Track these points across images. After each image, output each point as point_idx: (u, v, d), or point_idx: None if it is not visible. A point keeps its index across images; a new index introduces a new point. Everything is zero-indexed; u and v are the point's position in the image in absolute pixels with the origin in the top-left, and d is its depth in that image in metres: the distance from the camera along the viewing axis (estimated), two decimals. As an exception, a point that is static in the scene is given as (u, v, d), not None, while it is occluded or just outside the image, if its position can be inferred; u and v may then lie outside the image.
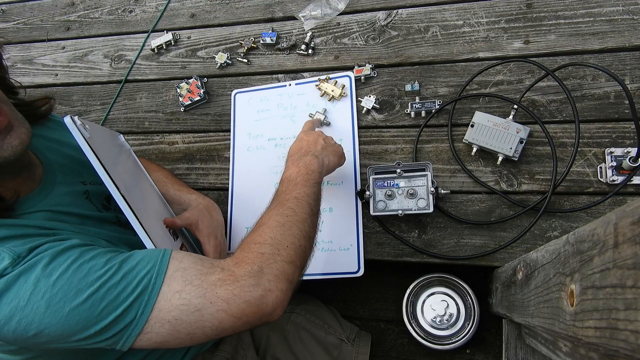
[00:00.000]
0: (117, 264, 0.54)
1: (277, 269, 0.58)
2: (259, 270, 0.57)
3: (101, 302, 0.51)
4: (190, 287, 0.54)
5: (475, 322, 1.01)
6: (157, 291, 0.53)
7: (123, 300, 0.52)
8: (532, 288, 0.59)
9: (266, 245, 0.60)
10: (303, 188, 0.70)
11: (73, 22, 1.34)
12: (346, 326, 1.01)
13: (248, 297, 0.55)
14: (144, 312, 0.52)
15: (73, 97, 1.22)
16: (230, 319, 0.54)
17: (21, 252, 0.52)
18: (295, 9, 1.15)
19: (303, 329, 0.96)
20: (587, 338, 0.38)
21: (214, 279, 0.55)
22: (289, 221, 0.64)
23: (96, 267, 0.53)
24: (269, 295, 0.56)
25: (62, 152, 0.74)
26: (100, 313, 0.51)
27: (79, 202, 0.69)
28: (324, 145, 0.80)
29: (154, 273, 0.54)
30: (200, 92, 1.09)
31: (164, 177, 0.93)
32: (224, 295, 0.54)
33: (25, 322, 0.50)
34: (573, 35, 0.94)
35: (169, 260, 0.56)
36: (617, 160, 0.82)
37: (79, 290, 0.51)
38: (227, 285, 0.55)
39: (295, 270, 0.61)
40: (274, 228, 0.63)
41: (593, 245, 0.38)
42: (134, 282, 0.53)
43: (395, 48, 1.04)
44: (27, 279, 0.50)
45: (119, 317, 0.52)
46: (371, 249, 0.90)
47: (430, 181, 0.83)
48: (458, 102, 0.94)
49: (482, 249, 0.85)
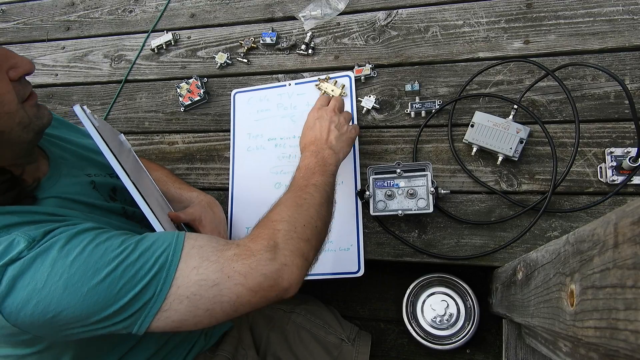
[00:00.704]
0: (133, 243, 0.55)
1: (293, 245, 0.59)
2: (274, 245, 0.58)
3: (119, 280, 0.51)
4: (207, 262, 0.55)
5: (475, 322, 1.01)
6: (175, 268, 0.53)
7: (141, 278, 0.52)
8: (532, 288, 0.59)
9: (283, 222, 0.61)
10: (321, 177, 0.72)
11: (73, 22, 1.34)
12: (346, 326, 1.01)
13: (265, 270, 0.55)
14: (162, 289, 0.52)
15: (73, 97, 1.22)
16: (247, 293, 0.55)
17: (36, 236, 0.52)
18: (295, 9, 1.15)
19: (303, 329, 0.96)
20: (587, 338, 0.38)
21: (230, 254, 0.56)
22: (306, 203, 0.66)
23: (112, 247, 0.53)
24: (285, 270, 0.56)
25: (65, 147, 0.75)
26: (119, 291, 0.51)
27: (86, 191, 0.70)
28: (337, 136, 0.80)
29: (171, 251, 0.55)
30: (200, 92, 1.09)
31: (164, 176, 0.93)
32: (241, 269, 0.55)
33: (44, 305, 0.49)
34: (573, 35, 0.94)
35: (184, 240, 0.57)
36: (617, 160, 0.82)
37: (96, 270, 0.51)
38: (244, 260, 0.55)
39: (311, 250, 0.62)
40: (291, 207, 0.64)
41: (593, 245, 0.38)
42: (152, 260, 0.53)
43: (395, 48, 1.04)
44: (44, 261, 0.50)
45: (138, 295, 0.52)
46: (371, 249, 0.90)
47: (430, 181, 0.83)
48: (458, 102, 0.94)
49: (482, 249, 0.85)
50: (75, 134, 0.81)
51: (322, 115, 0.83)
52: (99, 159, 0.78)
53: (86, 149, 0.78)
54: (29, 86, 0.61)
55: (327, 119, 0.82)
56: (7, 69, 0.57)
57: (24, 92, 0.59)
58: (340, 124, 0.82)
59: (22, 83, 0.59)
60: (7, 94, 0.56)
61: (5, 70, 0.56)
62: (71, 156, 0.74)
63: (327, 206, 0.70)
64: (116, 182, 0.76)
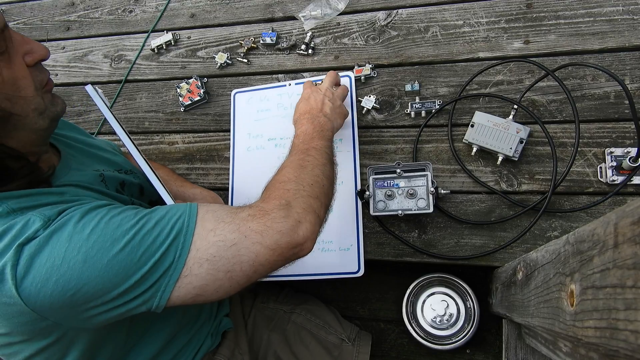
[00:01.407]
0: (148, 213, 0.55)
1: (303, 202, 0.61)
2: (286, 203, 0.59)
3: (139, 248, 0.51)
4: (223, 224, 0.55)
5: (475, 322, 1.01)
6: (192, 232, 0.54)
7: (160, 245, 0.52)
8: (532, 288, 0.59)
9: (291, 182, 0.63)
10: (320, 141, 0.74)
11: (73, 22, 1.34)
12: (346, 326, 1.01)
13: (280, 227, 0.56)
14: (181, 253, 0.53)
15: (73, 97, 1.22)
16: (265, 251, 0.55)
17: (51, 215, 0.52)
18: (295, 9, 1.15)
19: (304, 329, 0.96)
20: (587, 338, 0.38)
21: (245, 215, 0.57)
22: (310, 164, 0.68)
23: (127, 218, 0.54)
24: (299, 227, 0.58)
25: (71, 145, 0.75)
26: (139, 259, 0.51)
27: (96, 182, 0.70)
28: (331, 107, 0.82)
29: (186, 217, 0.55)
30: (200, 92, 1.09)
31: (166, 174, 0.93)
32: (257, 228, 0.56)
33: (64, 281, 0.49)
34: (573, 35, 0.94)
35: (197, 206, 0.57)
36: (617, 160, 0.82)
37: (115, 240, 0.51)
38: (259, 219, 0.56)
39: (321, 206, 0.64)
40: (296, 168, 0.66)
41: (593, 245, 0.38)
42: (168, 226, 0.54)
43: (395, 48, 1.04)
44: (60, 238, 0.50)
45: (158, 262, 0.52)
46: (371, 249, 0.90)
47: (430, 181, 0.83)
48: (458, 102, 0.94)
49: (482, 249, 0.85)
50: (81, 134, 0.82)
51: (316, 90, 0.85)
52: (106, 156, 0.79)
53: (93, 147, 0.79)
54: (46, 72, 0.61)
55: (322, 93, 0.84)
56: (23, 54, 0.57)
57: (40, 78, 0.60)
58: (334, 98, 0.85)
59: (38, 69, 0.60)
60: (23, 78, 0.56)
61: (22, 55, 0.57)
62: (79, 153, 0.75)
63: (330, 166, 0.72)
64: (124, 177, 0.77)
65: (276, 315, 0.99)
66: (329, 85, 0.87)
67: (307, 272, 0.90)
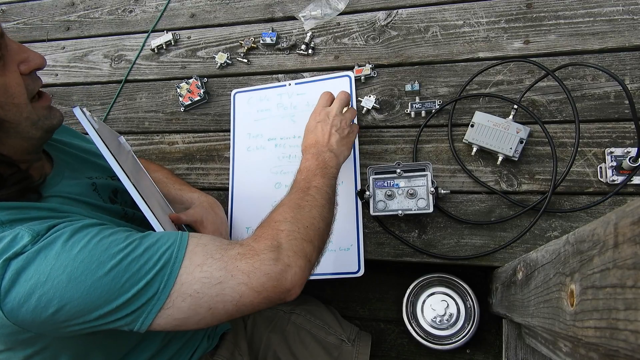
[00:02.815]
0: (138, 239, 0.55)
1: (296, 245, 0.59)
2: (278, 245, 0.58)
3: (124, 274, 0.51)
4: (212, 260, 0.55)
5: (475, 322, 1.01)
6: (179, 265, 0.54)
7: (146, 273, 0.52)
8: (532, 288, 0.59)
9: (286, 223, 0.61)
10: (322, 179, 0.72)
11: (73, 22, 1.34)
12: (346, 326, 1.01)
13: (268, 270, 0.55)
14: (166, 285, 0.52)
15: (73, 97, 1.22)
16: (250, 293, 0.54)
17: (40, 230, 0.52)
18: (295, 9, 1.15)
19: (303, 330, 0.96)
20: (587, 338, 0.38)
21: (234, 253, 0.56)
22: (308, 204, 0.66)
23: (117, 241, 0.53)
24: (288, 271, 0.56)
25: (67, 151, 0.75)
26: (123, 285, 0.51)
27: (87, 193, 0.70)
28: (338, 140, 0.80)
29: (175, 248, 0.55)
30: (200, 92, 1.09)
31: (165, 177, 0.93)
32: (245, 268, 0.55)
33: (46, 298, 0.49)
34: (573, 35, 0.94)
35: (188, 238, 0.57)
36: (617, 160, 0.82)
37: (101, 262, 0.51)
38: (248, 259, 0.55)
39: (314, 250, 0.62)
40: (293, 208, 0.65)
41: (593, 245, 0.38)
42: (156, 255, 0.53)
43: (395, 48, 1.04)
44: (47, 255, 0.50)
45: (142, 290, 0.52)
46: (371, 249, 0.90)
47: (430, 181, 0.83)
48: (458, 102, 0.94)
49: (482, 249, 0.85)
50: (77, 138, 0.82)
51: (324, 118, 0.82)
52: (100, 162, 0.78)
53: (88, 153, 0.79)
54: (39, 81, 0.62)
55: (329, 122, 0.81)
56: (18, 62, 0.58)
57: (33, 86, 0.60)
58: (342, 128, 0.82)
59: (32, 78, 0.60)
60: (16, 86, 0.57)
61: (17, 63, 0.57)
62: (73, 160, 0.75)
63: (329, 207, 0.70)
64: (117, 184, 0.76)
65: (276, 315, 0.99)
66: (338, 109, 0.83)
67: (307, 272, 0.90)
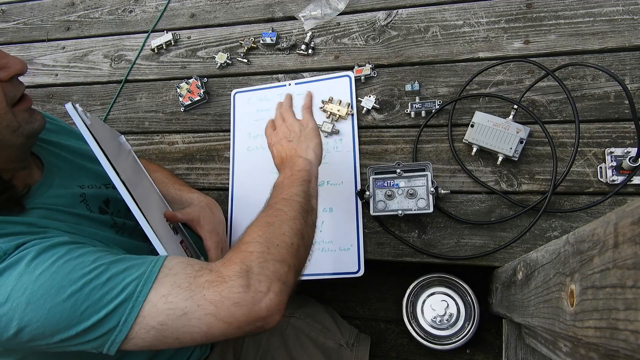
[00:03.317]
0: (105, 264, 0.53)
1: (267, 268, 0.54)
2: (247, 269, 0.53)
3: (83, 302, 0.50)
4: (178, 290, 0.52)
5: (475, 322, 1.01)
6: (144, 298, 0.51)
7: (107, 303, 0.50)
8: (532, 288, 0.59)
9: (254, 244, 0.57)
10: (290, 189, 0.67)
11: (73, 22, 1.34)
12: (345, 330, 1.00)
13: (237, 298, 0.51)
14: (127, 319, 0.50)
15: (73, 97, 1.22)
16: (219, 324, 0.51)
17: (8, 249, 0.51)
18: (295, 9, 1.15)
19: (303, 333, 0.96)
20: (587, 338, 0.38)
21: (202, 281, 0.53)
22: (277, 220, 0.61)
23: (83, 264, 0.51)
24: (262, 298, 0.52)
25: (61, 156, 0.73)
26: (82, 313, 0.49)
27: (74, 204, 0.68)
28: (296, 142, 0.76)
29: (143, 279, 0.52)
30: (200, 92, 1.09)
31: (165, 177, 0.93)
32: (212, 298, 0.51)
33: (6, 319, 0.48)
34: (573, 35, 0.94)
35: (160, 267, 0.54)
36: (617, 160, 0.82)
37: (61, 287, 0.49)
38: (215, 287, 0.52)
39: (289, 270, 0.57)
40: (261, 227, 0.60)
41: (593, 245, 0.38)
42: (119, 286, 0.51)
43: (395, 48, 1.04)
44: (10, 275, 0.49)
45: (103, 320, 0.50)
46: (371, 249, 0.90)
47: (430, 181, 0.83)
48: (458, 102, 0.94)
49: (482, 249, 0.85)
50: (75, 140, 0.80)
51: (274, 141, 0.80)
52: (95, 168, 0.76)
53: (84, 158, 0.77)
54: (21, 87, 0.60)
55: (279, 138, 0.79)
56: None
57: (14, 93, 0.58)
58: (292, 131, 0.79)
59: (13, 84, 0.58)
60: None
61: None
62: (67, 165, 0.73)
63: (303, 217, 0.64)
64: (110, 193, 0.74)
65: None
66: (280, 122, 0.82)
67: (307, 272, 0.89)
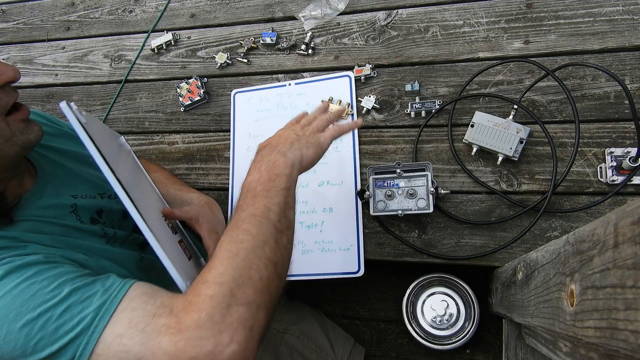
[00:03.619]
0: (67, 293, 0.50)
1: (230, 315, 0.48)
2: (207, 318, 0.47)
3: (37, 333, 0.48)
4: (133, 331, 0.48)
5: (475, 322, 1.01)
6: (99, 334, 0.48)
7: (61, 336, 0.48)
8: (532, 288, 0.59)
9: (215, 285, 0.49)
10: (263, 200, 0.57)
11: (73, 22, 1.34)
12: (339, 346, 1.00)
13: (195, 352, 0.46)
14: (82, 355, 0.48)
15: (73, 97, 1.22)
16: None
17: None
18: (295, 9, 1.15)
19: (296, 351, 0.95)
20: (587, 338, 0.38)
21: (159, 325, 0.48)
22: (244, 248, 0.52)
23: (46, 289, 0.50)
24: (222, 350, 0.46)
25: (57, 162, 0.72)
26: (36, 344, 0.48)
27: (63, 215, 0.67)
28: (295, 139, 0.66)
29: (101, 312, 0.49)
30: (200, 92, 1.09)
31: (164, 177, 0.93)
32: (167, 348, 0.46)
33: None
34: (573, 35, 0.94)
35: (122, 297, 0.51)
36: (617, 160, 0.82)
37: (19, 313, 0.48)
38: (172, 336, 0.47)
39: (258, 312, 0.50)
40: (224, 260, 0.52)
41: (593, 245, 0.38)
42: (76, 318, 0.49)
43: (395, 48, 1.04)
44: None
45: (57, 353, 0.48)
46: (371, 249, 0.90)
47: (430, 181, 0.83)
48: (458, 102, 0.94)
49: (482, 249, 0.85)
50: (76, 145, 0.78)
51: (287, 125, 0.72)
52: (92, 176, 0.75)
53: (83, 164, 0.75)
54: (14, 95, 0.59)
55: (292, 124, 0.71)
56: None
57: (7, 100, 0.57)
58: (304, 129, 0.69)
59: (5, 91, 0.57)
60: None
61: None
62: (62, 172, 0.71)
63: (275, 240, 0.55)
64: (104, 203, 0.73)
65: (269, 333, 0.97)
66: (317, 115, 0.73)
67: (307, 272, 0.90)
